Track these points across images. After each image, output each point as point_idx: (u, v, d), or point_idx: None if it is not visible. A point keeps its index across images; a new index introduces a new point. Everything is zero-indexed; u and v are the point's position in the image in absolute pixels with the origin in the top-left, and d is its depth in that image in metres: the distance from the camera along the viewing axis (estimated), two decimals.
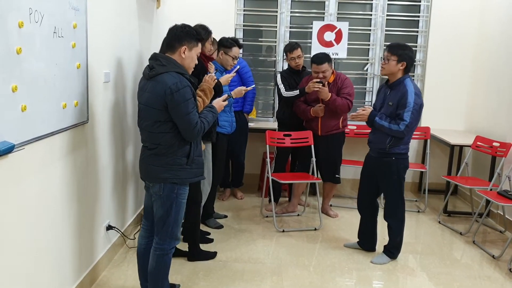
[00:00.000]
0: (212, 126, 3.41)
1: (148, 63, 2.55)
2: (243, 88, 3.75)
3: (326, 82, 4.13)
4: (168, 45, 2.55)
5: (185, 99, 2.41)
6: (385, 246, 3.58)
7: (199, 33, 2.62)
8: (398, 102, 3.24)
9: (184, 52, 2.52)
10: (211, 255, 3.48)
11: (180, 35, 2.52)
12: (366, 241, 3.69)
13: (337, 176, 4.43)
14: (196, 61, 2.64)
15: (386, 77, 3.44)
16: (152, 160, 2.54)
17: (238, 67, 3.84)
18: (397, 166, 3.36)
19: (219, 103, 2.81)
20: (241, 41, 4.45)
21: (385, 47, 3.35)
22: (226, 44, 3.85)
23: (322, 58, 4.12)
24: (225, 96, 2.92)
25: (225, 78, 3.56)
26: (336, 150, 4.39)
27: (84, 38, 2.65)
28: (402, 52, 3.25)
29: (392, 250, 3.54)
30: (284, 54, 4.52)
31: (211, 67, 3.55)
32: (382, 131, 3.28)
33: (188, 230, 3.49)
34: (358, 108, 3.52)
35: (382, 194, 3.85)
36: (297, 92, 4.24)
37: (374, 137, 3.42)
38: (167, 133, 2.47)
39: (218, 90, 3.22)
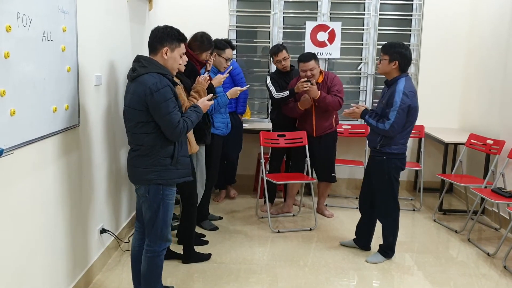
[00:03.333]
0: (206, 128, 3.41)
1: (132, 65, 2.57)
2: (238, 88, 3.75)
3: (315, 81, 4.14)
4: (150, 46, 2.58)
5: (165, 98, 2.41)
6: (380, 246, 3.58)
7: (181, 34, 2.61)
8: (388, 100, 3.26)
9: (166, 53, 2.53)
10: (205, 257, 3.47)
11: (161, 36, 2.53)
12: (361, 239, 3.69)
13: (333, 175, 4.44)
14: (180, 61, 2.63)
15: (381, 76, 3.46)
16: (136, 162, 2.54)
17: (231, 67, 3.84)
18: (388, 166, 3.35)
19: (204, 102, 2.81)
20: (234, 43, 4.44)
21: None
22: (219, 46, 3.84)
23: (309, 56, 4.14)
24: (210, 95, 2.92)
25: (218, 80, 3.56)
26: (331, 149, 4.40)
27: (74, 41, 2.64)
28: (394, 50, 3.24)
29: (386, 250, 3.54)
30: (270, 57, 4.52)
31: (210, 65, 3.58)
32: (371, 128, 3.33)
33: (183, 232, 3.49)
34: (352, 105, 3.53)
35: None
36: (287, 93, 4.24)
37: (369, 136, 3.46)
38: (150, 133, 2.47)
39: (210, 91, 3.23)
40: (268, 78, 4.45)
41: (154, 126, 2.46)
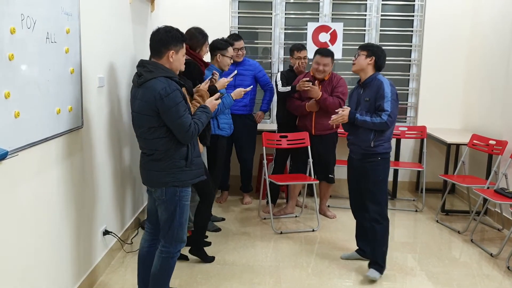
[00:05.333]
0: (207, 130, 3.41)
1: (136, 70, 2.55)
2: (242, 89, 3.75)
3: (317, 82, 4.14)
4: (154, 50, 2.54)
5: (175, 102, 2.41)
6: (372, 261, 3.31)
7: (183, 34, 2.60)
8: (376, 95, 3.18)
9: (172, 56, 2.51)
10: (209, 259, 3.47)
11: (166, 39, 2.50)
12: (367, 246, 3.47)
13: (330, 176, 4.44)
14: (183, 61, 2.62)
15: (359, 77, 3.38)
16: (151, 166, 2.54)
17: (235, 72, 3.83)
18: (384, 166, 3.27)
19: (211, 102, 2.80)
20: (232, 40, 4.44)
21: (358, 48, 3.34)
22: (220, 46, 3.84)
23: (328, 52, 4.21)
24: (217, 94, 2.91)
25: (222, 83, 3.56)
26: (330, 150, 4.40)
27: (78, 43, 2.65)
28: (372, 48, 3.25)
29: (380, 262, 3.26)
30: (291, 52, 4.56)
31: (216, 75, 3.58)
32: (365, 127, 3.19)
33: (197, 225, 3.49)
34: (336, 110, 3.32)
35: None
36: (289, 88, 4.28)
37: (355, 138, 3.29)
38: (162, 138, 2.47)
39: (213, 93, 3.22)
40: (279, 74, 4.54)
41: (166, 130, 2.46)
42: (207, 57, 3.79)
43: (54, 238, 2.48)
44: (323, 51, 4.20)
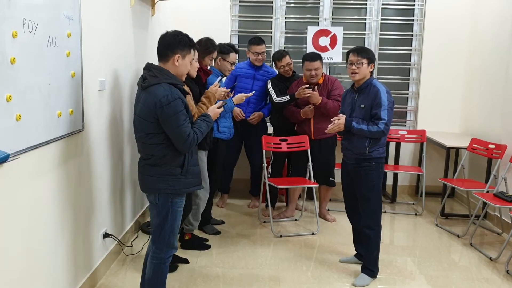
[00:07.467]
0: (207, 134, 3.42)
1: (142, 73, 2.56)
2: (244, 94, 3.76)
3: (316, 87, 4.15)
4: (161, 54, 2.54)
5: (175, 111, 2.40)
6: (363, 265, 3.34)
7: (192, 40, 2.61)
8: (372, 102, 3.15)
9: (177, 61, 2.51)
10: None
11: (173, 43, 2.51)
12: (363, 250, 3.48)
13: (331, 179, 4.44)
14: (189, 67, 2.62)
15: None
16: (147, 170, 2.54)
17: (253, 92, 3.89)
18: (378, 171, 3.23)
19: (214, 110, 2.80)
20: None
21: (349, 52, 3.27)
22: (223, 50, 3.87)
23: (315, 56, 4.19)
24: (220, 103, 2.92)
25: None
26: (329, 154, 4.41)
27: (79, 46, 2.66)
28: (370, 55, 3.22)
29: (371, 267, 3.29)
30: (273, 63, 4.54)
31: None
32: (361, 135, 3.17)
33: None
34: (331, 120, 3.30)
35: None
36: (287, 97, 4.27)
37: (350, 144, 3.27)
38: (160, 144, 2.46)
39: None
40: (269, 82, 4.48)
41: (165, 137, 2.45)
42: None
43: (54, 241, 2.49)
44: (310, 56, 4.19)
